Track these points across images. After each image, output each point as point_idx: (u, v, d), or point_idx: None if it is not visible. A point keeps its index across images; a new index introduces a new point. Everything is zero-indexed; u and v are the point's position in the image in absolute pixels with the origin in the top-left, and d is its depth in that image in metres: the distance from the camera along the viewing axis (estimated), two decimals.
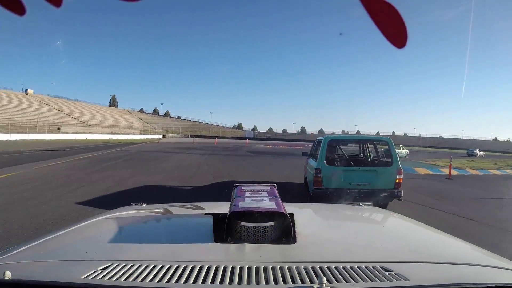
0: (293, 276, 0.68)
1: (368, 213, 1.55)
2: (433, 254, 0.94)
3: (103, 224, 1.32)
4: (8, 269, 0.66)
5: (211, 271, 0.69)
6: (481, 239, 4.05)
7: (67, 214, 4.57)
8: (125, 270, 0.69)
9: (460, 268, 0.80)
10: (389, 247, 0.99)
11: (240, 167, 12.57)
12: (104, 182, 7.59)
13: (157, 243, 0.96)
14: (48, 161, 11.63)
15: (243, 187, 1.25)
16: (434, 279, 0.70)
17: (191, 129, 74.85)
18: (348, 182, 5.19)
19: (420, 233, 1.25)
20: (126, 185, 7.28)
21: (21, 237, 3.45)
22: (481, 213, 5.79)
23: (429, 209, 5.96)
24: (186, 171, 10.52)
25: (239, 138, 65.07)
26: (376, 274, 0.69)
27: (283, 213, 0.89)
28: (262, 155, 20.54)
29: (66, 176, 8.20)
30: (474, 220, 5.23)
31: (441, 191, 8.21)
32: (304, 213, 1.51)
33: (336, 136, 6.74)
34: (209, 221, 0.97)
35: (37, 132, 37.89)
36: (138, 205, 1.49)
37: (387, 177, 5.29)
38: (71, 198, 5.64)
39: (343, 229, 1.26)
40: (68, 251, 0.92)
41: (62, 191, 6.29)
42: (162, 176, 9.10)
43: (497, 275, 0.77)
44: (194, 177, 9.01)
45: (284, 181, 8.52)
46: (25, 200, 5.37)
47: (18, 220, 4.17)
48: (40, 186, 6.70)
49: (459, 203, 6.74)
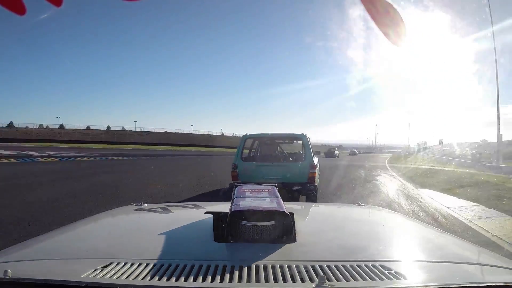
0: (293, 274, 0.68)
1: (368, 212, 1.55)
2: (433, 253, 0.94)
3: (104, 222, 1.32)
4: (8, 267, 0.66)
5: (211, 270, 0.70)
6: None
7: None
8: (125, 269, 0.69)
9: (460, 267, 0.80)
10: (388, 246, 0.99)
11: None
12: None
13: (157, 242, 0.96)
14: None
15: (244, 187, 1.25)
16: (433, 278, 0.70)
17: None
18: (262, 176, 5.59)
19: (419, 232, 1.26)
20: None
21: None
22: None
23: None
24: None
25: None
26: (375, 273, 0.69)
27: (284, 212, 0.89)
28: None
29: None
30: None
31: None
32: (304, 212, 1.52)
33: (253, 134, 6.97)
34: (209, 220, 0.97)
35: None
36: (138, 204, 1.49)
37: (300, 171, 5.70)
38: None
39: (342, 228, 1.26)
40: (69, 250, 0.92)
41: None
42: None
43: (497, 274, 0.77)
44: None
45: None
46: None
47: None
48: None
49: None
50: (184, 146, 59.57)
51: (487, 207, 6.04)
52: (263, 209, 0.90)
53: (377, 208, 1.64)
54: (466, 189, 8.55)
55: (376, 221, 1.44)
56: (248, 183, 1.61)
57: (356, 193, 8.30)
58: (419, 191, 8.78)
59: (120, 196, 6.81)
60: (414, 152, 41.49)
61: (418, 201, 7.11)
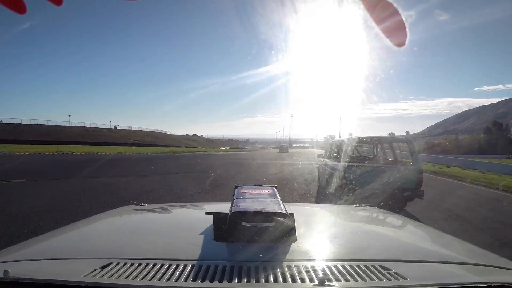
0: (293, 274, 0.68)
1: (367, 213, 1.55)
2: (432, 254, 0.94)
3: (104, 222, 1.32)
4: (8, 267, 0.66)
5: (211, 270, 0.70)
6: None
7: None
8: (125, 269, 0.69)
9: (459, 267, 0.80)
10: (388, 247, 0.99)
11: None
12: None
13: (158, 242, 0.96)
14: None
15: (244, 188, 1.25)
16: (433, 279, 0.70)
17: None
18: (370, 182, 5.32)
19: (419, 232, 1.26)
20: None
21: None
22: None
23: None
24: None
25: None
26: (375, 273, 0.69)
27: (284, 213, 0.89)
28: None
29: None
30: None
31: None
32: (304, 213, 1.52)
33: (357, 137, 6.67)
34: (209, 220, 0.97)
35: None
36: (139, 204, 1.49)
37: (409, 176, 5.39)
38: None
39: (342, 228, 1.26)
40: (69, 250, 0.92)
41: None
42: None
43: (497, 274, 0.77)
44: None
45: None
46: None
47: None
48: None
49: None
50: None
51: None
52: (264, 210, 0.90)
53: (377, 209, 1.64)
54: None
55: (376, 221, 1.44)
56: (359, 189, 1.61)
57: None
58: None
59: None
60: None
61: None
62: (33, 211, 4.80)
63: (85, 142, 46.11)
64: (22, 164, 13.77)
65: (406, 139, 6.51)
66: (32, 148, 25.53)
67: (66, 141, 45.24)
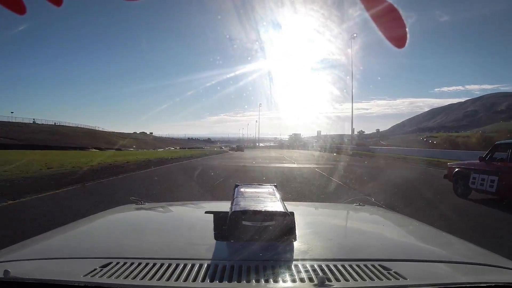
0: (293, 274, 0.68)
1: (367, 212, 1.55)
2: (432, 253, 0.94)
3: (104, 222, 1.32)
4: (8, 267, 0.66)
5: (211, 269, 0.70)
6: None
7: None
8: (125, 268, 0.69)
9: (459, 267, 0.80)
10: (388, 246, 0.99)
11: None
12: None
13: (158, 241, 0.96)
14: None
15: (244, 187, 1.25)
16: (432, 278, 0.70)
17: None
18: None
19: (419, 232, 1.26)
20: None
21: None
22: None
23: None
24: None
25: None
26: (375, 272, 0.69)
27: (284, 212, 0.89)
28: None
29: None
30: None
31: None
32: (304, 212, 1.52)
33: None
34: (210, 219, 0.97)
35: None
36: (139, 203, 1.49)
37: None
38: None
39: (342, 228, 1.26)
40: (69, 249, 0.92)
41: None
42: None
43: (497, 274, 0.77)
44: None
45: None
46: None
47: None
48: None
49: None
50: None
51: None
52: (264, 209, 0.90)
53: (377, 208, 1.64)
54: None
55: (376, 221, 1.44)
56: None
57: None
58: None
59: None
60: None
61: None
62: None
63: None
64: None
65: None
66: None
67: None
